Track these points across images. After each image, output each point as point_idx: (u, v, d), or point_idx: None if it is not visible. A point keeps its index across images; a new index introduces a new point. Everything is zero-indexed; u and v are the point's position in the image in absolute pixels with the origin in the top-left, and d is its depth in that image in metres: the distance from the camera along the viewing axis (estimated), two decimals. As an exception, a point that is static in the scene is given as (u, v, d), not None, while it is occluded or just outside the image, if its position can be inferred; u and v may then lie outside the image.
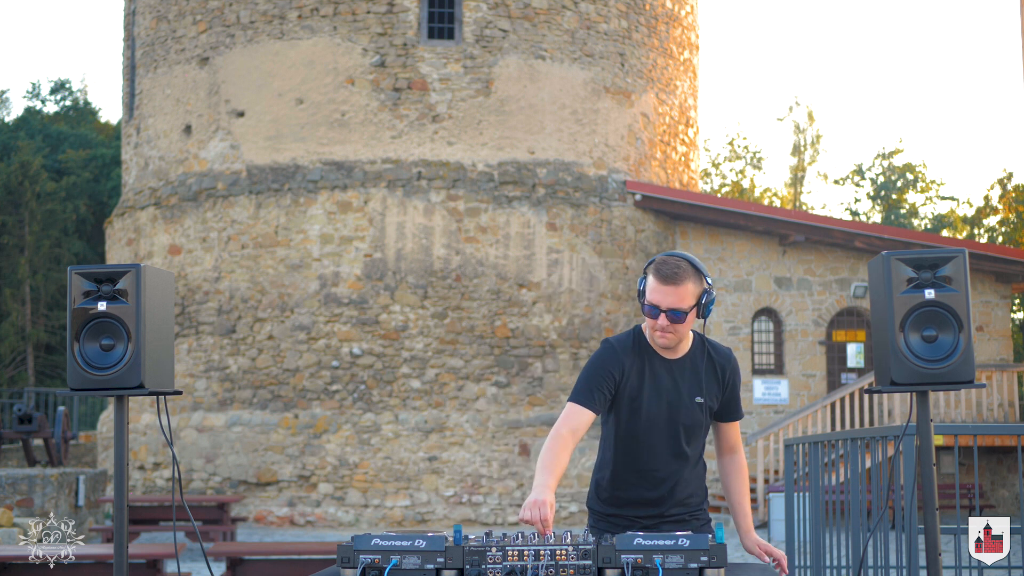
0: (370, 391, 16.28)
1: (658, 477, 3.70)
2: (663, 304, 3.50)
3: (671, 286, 3.49)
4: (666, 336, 3.55)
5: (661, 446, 3.68)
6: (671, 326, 3.52)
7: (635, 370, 3.63)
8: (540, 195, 16.87)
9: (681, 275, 3.49)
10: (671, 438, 3.68)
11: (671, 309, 3.50)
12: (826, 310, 18.48)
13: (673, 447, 3.69)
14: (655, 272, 3.51)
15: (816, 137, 39.89)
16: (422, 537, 3.00)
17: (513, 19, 16.94)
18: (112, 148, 34.47)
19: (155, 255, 17.72)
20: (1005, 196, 35.45)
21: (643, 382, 3.63)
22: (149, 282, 3.38)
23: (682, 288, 3.49)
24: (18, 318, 30.16)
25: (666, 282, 3.49)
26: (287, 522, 16.10)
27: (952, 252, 3.34)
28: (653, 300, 3.51)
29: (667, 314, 3.50)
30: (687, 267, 3.52)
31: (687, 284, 3.50)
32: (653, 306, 3.51)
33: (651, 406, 3.64)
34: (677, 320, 3.51)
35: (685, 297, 3.50)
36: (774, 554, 3.65)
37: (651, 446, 3.68)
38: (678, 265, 3.51)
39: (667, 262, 3.52)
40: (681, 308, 3.50)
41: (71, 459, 19.47)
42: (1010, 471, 17.64)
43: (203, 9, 17.61)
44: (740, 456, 3.86)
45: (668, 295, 3.49)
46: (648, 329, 3.62)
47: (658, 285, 3.50)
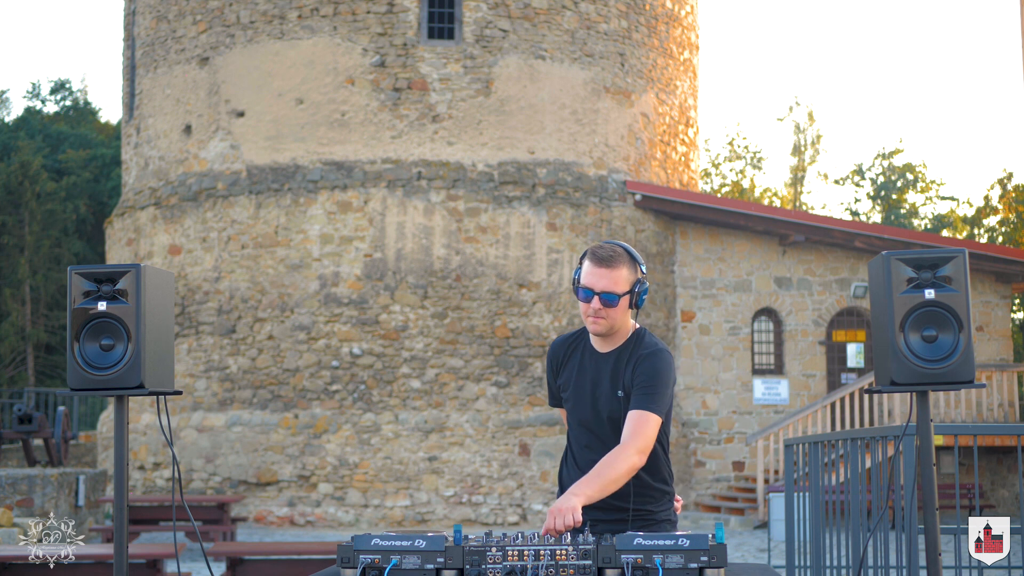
0: (370, 391, 16.28)
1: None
2: (596, 287, 3.51)
3: (605, 268, 3.51)
4: (598, 322, 3.55)
5: (595, 440, 3.66)
6: (603, 310, 3.53)
7: (570, 363, 3.71)
8: (540, 195, 16.87)
9: (616, 259, 3.52)
10: (605, 431, 3.64)
11: (604, 292, 3.51)
12: (826, 310, 18.48)
13: (606, 440, 3.64)
14: (591, 256, 3.54)
15: (816, 137, 39.90)
16: (422, 537, 3.00)
17: (513, 19, 16.94)
18: (112, 148, 34.47)
19: (155, 255, 17.72)
20: (1005, 196, 35.45)
21: (572, 375, 3.69)
22: (149, 282, 3.38)
23: (616, 272, 3.51)
24: (18, 318, 30.16)
25: (601, 264, 3.51)
26: (287, 522, 16.10)
27: (952, 252, 3.34)
28: (587, 283, 3.52)
29: (600, 297, 3.51)
30: (623, 253, 3.55)
31: (622, 269, 3.52)
32: (587, 289, 3.52)
33: (579, 398, 3.67)
34: (610, 304, 3.51)
35: (619, 282, 3.52)
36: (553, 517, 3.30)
37: (588, 439, 3.68)
38: (614, 250, 3.54)
39: (603, 247, 3.55)
40: (614, 291, 3.51)
41: (71, 459, 19.47)
42: (1010, 471, 17.64)
43: (203, 9, 17.61)
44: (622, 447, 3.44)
45: (602, 278, 3.51)
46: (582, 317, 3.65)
47: (593, 268, 3.52)
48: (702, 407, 18.24)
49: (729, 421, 18.20)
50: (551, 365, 3.78)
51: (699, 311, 18.35)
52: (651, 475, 3.64)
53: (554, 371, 3.77)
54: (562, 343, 3.76)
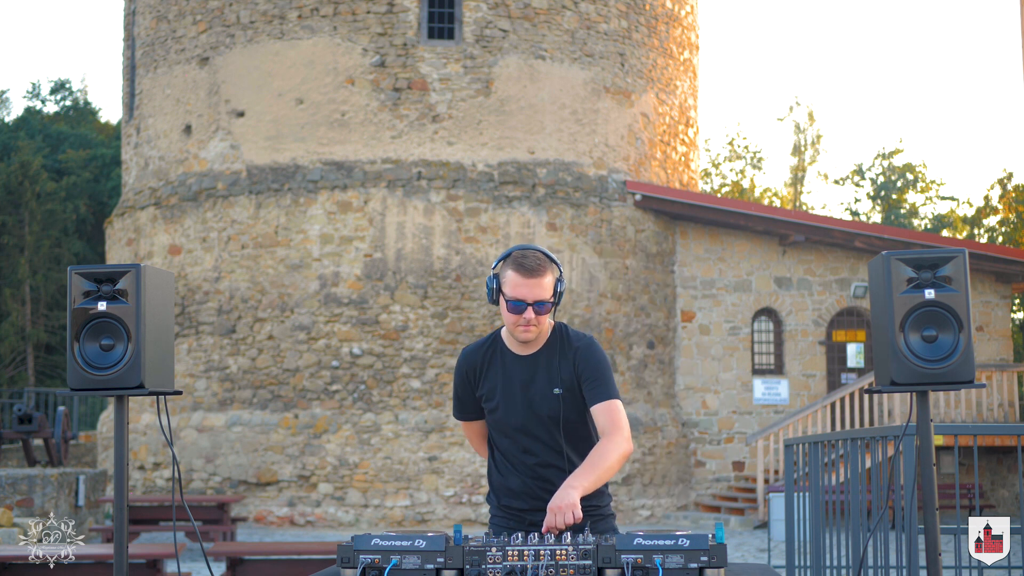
0: (370, 391, 16.28)
1: (537, 472, 3.64)
2: (529, 297, 3.50)
3: (536, 279, 3.50)
4: (530, 329, 3.55)
5: (535, 443, 3.64)
6: (536, 319, 3.53)
7: (491, 371, 3.67)
8: (540, 195, 16.87)
9: (543, 267, 3.52)
10: (544, 431, 3.62)
11: (537, 301, 3.51)
12: (826, 310, 18.48)
13: (547, 441, 3.62)
14: (517, 267, 3.51)
15: (816, 137, 39.90)
16: (422, 537, 3.00)
17: (513, 19, 16.94)
18: (112, 148, 34.47)
19: (155, 255, 17.72)
20: (1005, 196, 35.45)
21: (497, 382, 3.65)
22: (149, 282, 3.38)
23: (544, 280, 3.52)
24: (18, 318, 30.16)
25: (530, 275, 3.50)
26: (287, 522, 16.10)
27: (952, 252, 3.34)
28: (518, 295, 3.50)
29: (533, 307, 3.51)
30: (545, 259, 3.55)
31: (547, 276, 3.53)
32: (519, 301, 3.50)
33: (508, 403, 3.63)
34: (542, 312, 3.52)
35: (547, 288, 3.53)
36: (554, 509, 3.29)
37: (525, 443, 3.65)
38: (538, 257, 3.53)
39: (527, 255, 3.53)
40: (545, 299, 3.52)
41: (71, 459, 19.47)
42: (1010, 471, 17.64)
43: (203, 9, 17.61)
44: (607, 440, 3.47)
45: (533, 288, 3.50)
46: (506, 326, 3.61)
47: (522, 279, 3.49)
48: (702, 407, 18.24)
49: (729, 421, 18.21)
50: (467, 377, 3.70)
51: (699, 311, 18.35)
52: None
53: (471, 382, 3.70)
54: (475, 352, 3.70)
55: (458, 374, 3.73)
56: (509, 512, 3.71)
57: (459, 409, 3.79)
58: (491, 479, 3.78)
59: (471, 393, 3.72)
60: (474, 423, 3.81)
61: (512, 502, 3.70)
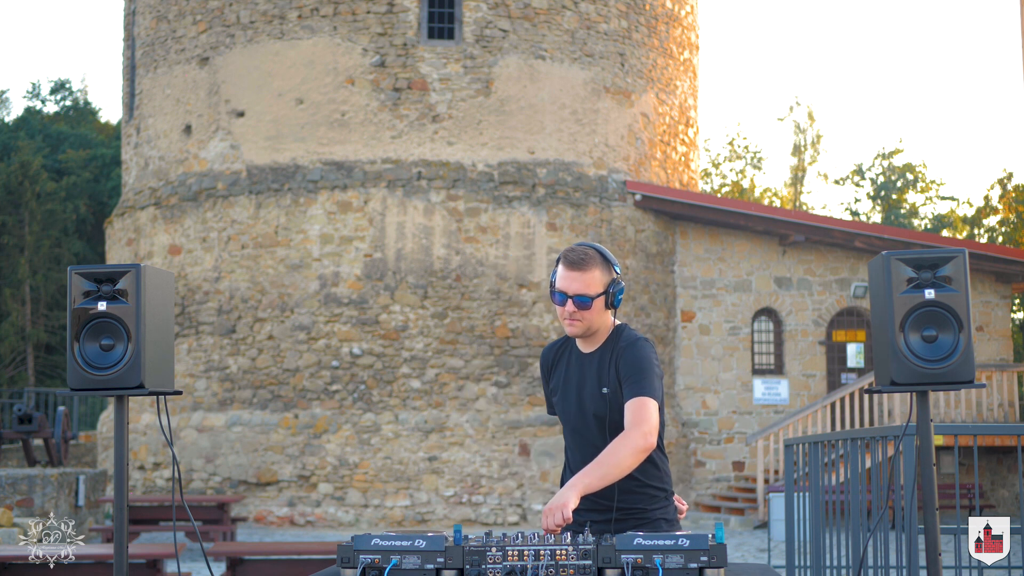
0: (370, 391, 16.28)
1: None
2: (569, 290, 3.53)
3: (578, 271, 3.53)
4: (574, 323, 3.57)
5: (585, 441, 3.66)
6: (578, 313, 3.55)
7: (558, 368, 3.74)
8: (540, 195, 16.87)
9: (588, 262, 3.54)
10: (591, 431, 3.64)
11: (577, 295, 3.53)
12: (826, 310, 18.48)
13: (595, 441, 3.63)
14: (563, 260, 3.57)
15: (816, 137, 39.90)
16: (422, 537, 3.00)
17: (513, 19, 16.94)
18: (112, 148, 34.47)
19: (155, 255, 17.72)
20: (1005, 196, 35.45)
21: (561, 379, 3.71)
22: (149, 282, 3.38)
23: (588, 275, 3.53)
24: (18, 318, 30.15)
25: (573, 268, 3.53)
26: (287, 522, 16.10)
27: (952, 252, 3.34)
28: (560, 287, 3.55)
29: (573, 300, 3.53)
30: (595, 255, 3.57)
31: (594, 271, 3.54)
32: (560, 292, 3.55)
33: (566, 401, 3.68)
34: (583, 307, 3.53)
35: (592, 284, 3.53)
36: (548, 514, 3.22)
37: (577, 441, 3.69)
38: (585, 252, 3.56)
39: (575, 250, 3.58)
40: (587, 294, 3.53)
41: (71, 459, 19.47)
42: (1010, 471, 17.64)
43: (203, 9, 17.61)
44: (629, 432, 3.41)
45: (575, 281, 3.53)
46: (560, 320, 3.68)
47: (565, 272, 3.54)
48: (702, 407, 18.24)
49: (729, 421, 18.20)
50: (543, 372, 3.81)
51: (699, 311, 18.35)
52: (640, 472, 3.57)
53: (546, 378, 3.80)
54: (551, 349, 3.79)
55: (541, 370, 3.83)
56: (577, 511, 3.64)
57: (549, 405, 3.86)
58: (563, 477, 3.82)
59: (548, 388, 3.81)
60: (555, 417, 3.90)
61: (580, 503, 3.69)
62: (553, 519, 3.20)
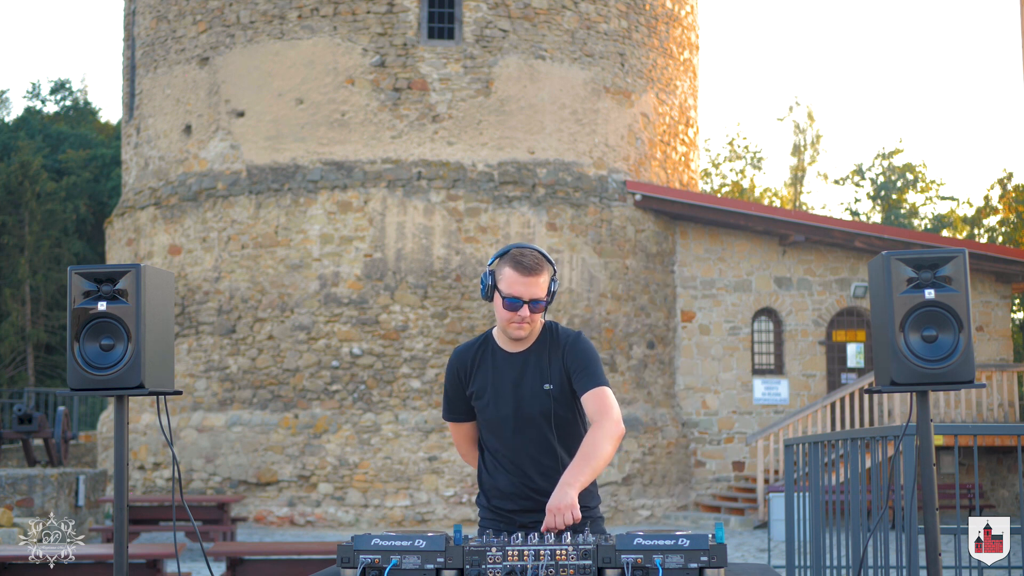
0: (370, 391, 16.28)
1: (534, 472, 3.63)
2: (525, 295, 3.53)
3: (533, 277, 3.53)
4: (523, 327, 3.58)
5: (528, 439, 3.63)
6: (531, 316, 3.56)
7: (481, 370, 3.68)
8: (540, 195, 16.87)
9: (540, 266, 3.55)
10: (537, 429, 3.62)
11: (533, 299, 3.54)
12: (826, 310, 18.48)
13: (537, 439, 3.62)
14: (515, 265, 3.54)
15: (816, 137, 39.90)
16: (422, 537, 3.00)
17: (513, 19, 16.94)
18: (112, 148, 34.47)
19: (155, 255, 17.72)
20: (1005, 196, 35.44)
21: (488, 380, 3.66)
22: (149, 282, 3.38)
23: (541, 278, 3.55)
24: (18, 318, 30.15)
25: (528, 273, 3.53)
26: (287, 522, 16.10)
27: (952, 252, 3.34)
28: (515, 292, 3.53)
29: (529, 305, 3.54)
30: (542, 258, 3.59)
31: (544, 274, 3.56)
32: (515, 298, 3.53)
33: (499, 401, 3.64)
34: (537, 310, 3.56)
35: (543, 287, 3.56)
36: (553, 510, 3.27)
37: (519, 441, 3.64)
38: (536, 257, 3.56)
39: (525, 254, 3.56)
40: (541, 298, 3.55)
41: (71, 459, 19.47)
42: (1010, 471, 17.64)
43: (203, 9, 17.61)
44: (598, 426, 3.45)
45: (530, 286, 3.53)
46: (499, 323, 3.63)
47: (519, 277, 3.53)
48: (702, 407, 18.24)
49: (729, 421, 18.20)
50: (457, 375, 3.71)
51: (699, 311, 18.35)
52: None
53: (462, 380, 3.71)
54: (467, 351, 3.72)
55: (449, 373, 3.74)
56: (499, 513, 3.69)
57: (448, 410, 3.78)
58: (481, 480, 3.77)
59: (461, 392, 3.71)
60: (463, 425, 3.79)
61: (503, 503, 3.68)
62: (563, 518, 3.20)
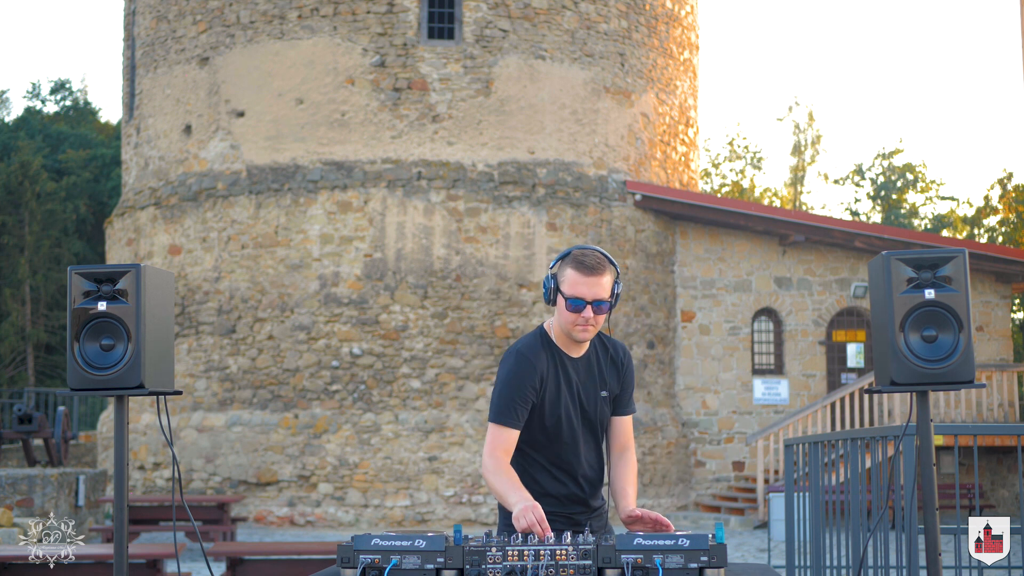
0: (370, 391, 16.28)
1: (584, 475, 3.67)
2: (588, 296, 3.47)
3: (595, 277, 3.47)
4: (587, 329, 3.52)
5: (583, 444, 3.66)
6: (594, 318, 3.50)
7: (550, 374, 3.59)
8: (540, 195, 16.87)
9: (603, 266, 3.50)
10: (590, 435, 3.67)
11: (596, 300, 3.48)
12: (826, 310, 18.48)
13: (594, 444, 3.68)
14: (577, 265, 3.48)
15: (816, 137, 39.90)
16: (422, 537, 3.00)
17: (513, 19, 16.94)
18: (112, 148, 34.47)
19: (155, 255, 17.72)
20: (1005, 196, 35.45)
21: (559, 384, 3.60)
22: (149, 282, 3.38)
23: (604, 279, 3.49)
24: (18, 318, 30.15)
25: (590, 273, 3.47)
26: (287, 522, 16.10)
27: (952, 252, 3.34)
28: (577, 293, 3.47)
29: (592, 306, 3.48)
30: (605, 259, 3.53)
31: (607, 275, 3.50)
32: (578, 299, 3.47)
33: (568, 407, 3.61)
34: (601, 312, 3.50)
35: (607, 288, 3.50)
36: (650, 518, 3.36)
37: (574, 446, 3.65)
38: (599, 257, 3.50)
39: (588, 254, 3.50)
40: (605, 299, 3.49)
41: (71, 459, 19.47)
42: (1010, 471, 17.64)
43: (203, 9, 17.61)
44: (632, 454, 3.67)
45: (593, 286, 3.47)
46: (562, 326, 3.55)
47: (582, 277, 3.47)
48: (702, 407, 18.24)
49: (729, 421, 18.20)
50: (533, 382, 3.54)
51: (699, 311, 18.35)
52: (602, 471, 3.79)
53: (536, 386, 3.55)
54: (537, 357, 3.56)
55: (528, 378, 3.53)
56: (552, 516, 3.59)
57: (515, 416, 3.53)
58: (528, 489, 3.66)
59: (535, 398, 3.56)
60: (514, 435, 3.55)
61: (556, 508, 3.64)
62: (528, 519, 3.19)
